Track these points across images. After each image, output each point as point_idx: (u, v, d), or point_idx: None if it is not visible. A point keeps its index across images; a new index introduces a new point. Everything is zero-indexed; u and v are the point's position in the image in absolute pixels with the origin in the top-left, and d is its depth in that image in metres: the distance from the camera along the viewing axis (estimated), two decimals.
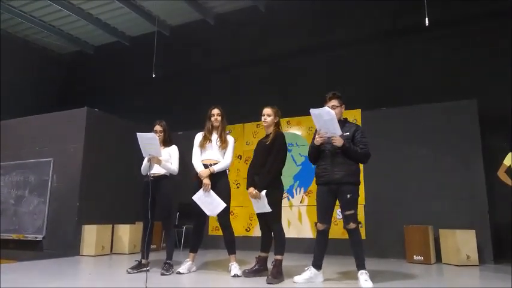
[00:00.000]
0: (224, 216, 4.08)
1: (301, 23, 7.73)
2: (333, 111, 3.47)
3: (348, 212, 3.53)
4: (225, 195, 4.03)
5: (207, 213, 4.02)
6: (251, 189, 3.85)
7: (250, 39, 8.21)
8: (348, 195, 3.53)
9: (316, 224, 3.71)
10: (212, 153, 4.12)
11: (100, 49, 10.31)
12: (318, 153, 3.68)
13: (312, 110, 3.48)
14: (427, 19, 5.23)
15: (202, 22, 8.65)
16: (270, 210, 3.76)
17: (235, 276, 3.89)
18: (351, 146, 3.56)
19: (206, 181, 3.97)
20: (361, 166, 6.22)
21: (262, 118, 4.02)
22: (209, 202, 3.96)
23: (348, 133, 3.62)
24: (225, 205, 4.00)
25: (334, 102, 3.70)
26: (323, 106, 3.66)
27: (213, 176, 4.03)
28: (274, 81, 7.82)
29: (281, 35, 7.91)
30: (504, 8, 6.06)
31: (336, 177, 3.53)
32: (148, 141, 3.95)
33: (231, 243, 4.13)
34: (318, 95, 4.16)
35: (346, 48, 7.29)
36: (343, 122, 3.72)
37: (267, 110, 4.01)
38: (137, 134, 3.96)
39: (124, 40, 9.70)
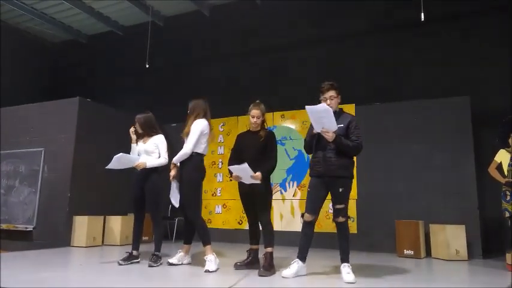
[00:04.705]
0: (189, 210, 3.99)
1: (297, 16, 7.69)
2: (330, 109, 3.39)
3: (338, 206, 3.53)
4: (187, 186, 3.96)
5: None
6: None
7: (245, 31, 8.15)
8: (340, 189, 3.51)
9: (303, 214, 3.67)
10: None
11: (93, 38, 10.18)
12: (314, 143, 3.62)
13: (308, 107, 3.40)
14: (422, 14, 5.23)
15: (197, 13, 8.57)
16: (259, 179, 3.69)
17: (207, 272, 3.71)
18: (342, 140, 3.49)
19: (172, 173, 4.03)
20: (354, 160, 6.35)
21: (253, 120, 3.93)
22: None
23: (343, 124, 3.57)
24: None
25: (332, 93, 3.63)
26: (318, 97, 3.64)
27: (180, 167, 4.03)
28: (269, 74, 7.79)
29: (276, 27, 7.86)
30: (498, 4, 6.09)
31: (329, 170, 3.50)
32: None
33: (202, 235, 3.99)
34: (312, 89, 4.16)
35: (341, 43, 7.28)
36: (338, 113, 3.65)
37: (256, 112, 3.92)
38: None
39: (117, 30, 9.58)
